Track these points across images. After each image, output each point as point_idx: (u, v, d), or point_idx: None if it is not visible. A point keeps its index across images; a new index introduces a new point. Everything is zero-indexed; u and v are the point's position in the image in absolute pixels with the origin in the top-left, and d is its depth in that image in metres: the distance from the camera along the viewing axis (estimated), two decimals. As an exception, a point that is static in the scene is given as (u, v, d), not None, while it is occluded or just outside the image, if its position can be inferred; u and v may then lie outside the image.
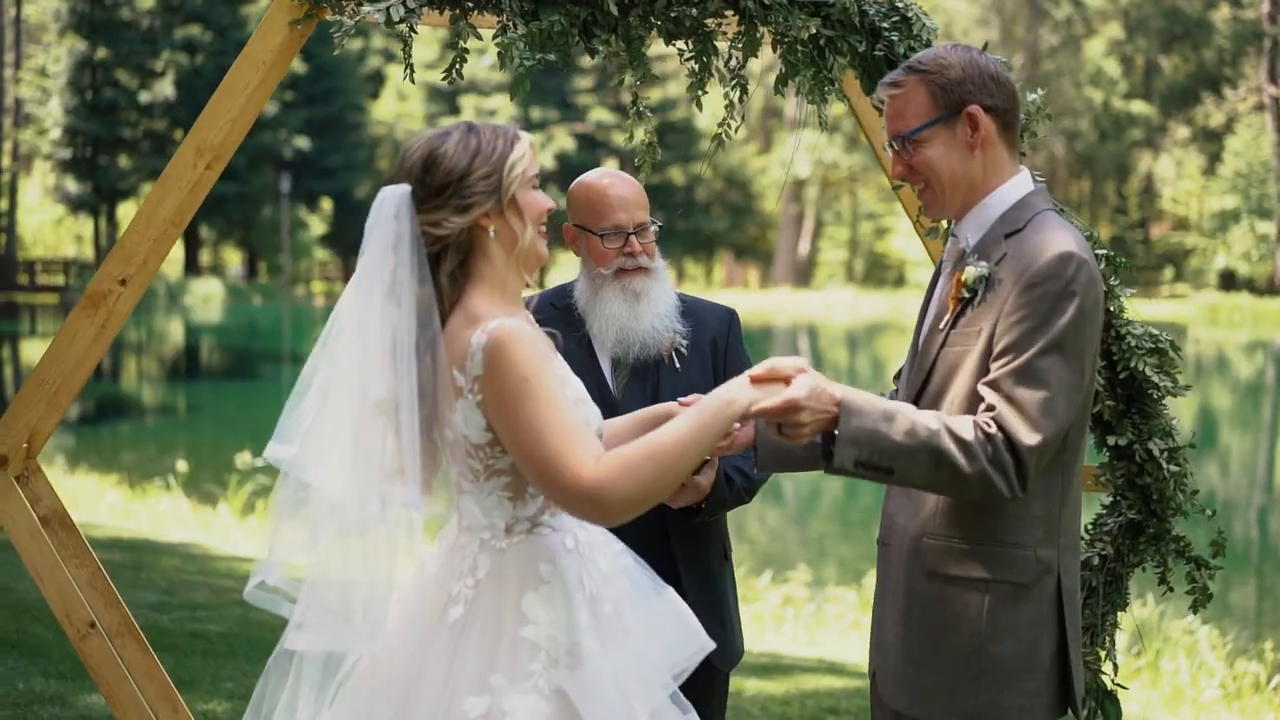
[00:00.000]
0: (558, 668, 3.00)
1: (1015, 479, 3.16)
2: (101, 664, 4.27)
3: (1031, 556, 3.27)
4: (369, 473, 3.03)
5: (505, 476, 3.07)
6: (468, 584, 3.08)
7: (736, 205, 70.94)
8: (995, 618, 3.26)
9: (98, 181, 64.13)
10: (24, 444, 4.28)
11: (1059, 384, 3.17)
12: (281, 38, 4.18)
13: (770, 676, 8.40)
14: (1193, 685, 9.28)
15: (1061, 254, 3.19)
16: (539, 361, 3.00)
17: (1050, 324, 3.16)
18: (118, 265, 4.22)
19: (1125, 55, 72.07)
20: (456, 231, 3.09)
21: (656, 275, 4.26)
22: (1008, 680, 3.27)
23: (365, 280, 3.07)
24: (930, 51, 3.41)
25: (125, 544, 11.72)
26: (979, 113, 3.33)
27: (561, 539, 3.12)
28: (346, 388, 3.04)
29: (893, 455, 3.17)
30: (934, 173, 3.37)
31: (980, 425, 3.18)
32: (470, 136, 3.11)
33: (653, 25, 4.19)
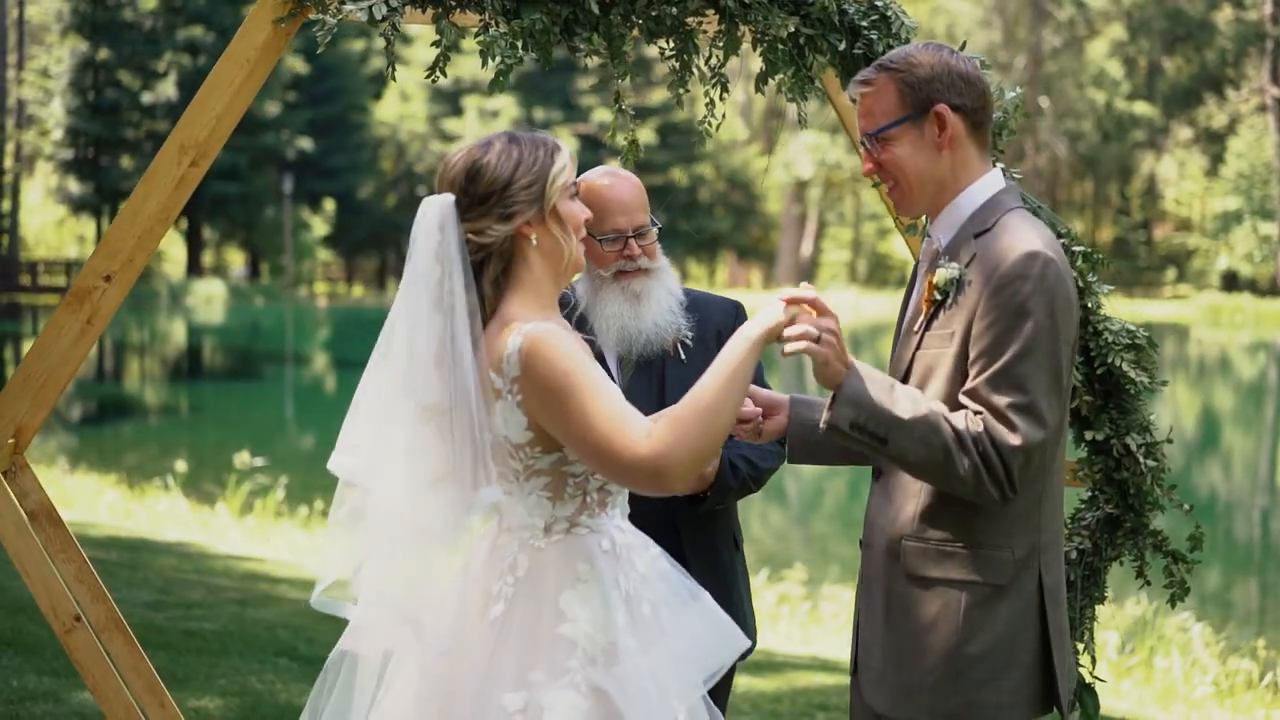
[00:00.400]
0: (595, 665, 3.06)
1: (1005, 482, 3.19)
2: (86, 658, 4.30)
3: (1009, 557, 3.28)
4: (421, 478, 3.10)
5: (545, 477, 3.13)
6: (508, 582, 3.13)
7: (739, 206, 70.99)
8: (971, 619, 3.27)
9: (100, 182, 64.25)
10: (10, 439, 4.32)
11: (1037, 387, 3.18)
12: (265, 35, 4.21)
13: (762, 674, 8.44)
14: (1185, 683, 9.32)
15: (1028, 253, 3.20)
16: (578, 355, 3.07)
17: (1021, 326, 3.18)
18: (103, 261, 4.26)
19: (1128, 56, 72.13)
20: (500, 239, 3.16)
21: (658, 274, 4.28)
22: (986, 680, 3.28)
23: (412, 289, 3.13)
24: (902, 50, 3.42)
25: (122, 543, 11.76)
26: (946, 112, 3.34)
27: (599, 540, 3.17)
28: (397, 395, 3.10)
29: (890, 425, 3.20)
30: (901, 171, 3.38)
31: (969, 420, 3.21)
32: (512, 147, 3.18)
33: (634, 24, 4.22)
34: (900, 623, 3.34)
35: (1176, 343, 48.98)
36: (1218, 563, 15.83)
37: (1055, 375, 3.21)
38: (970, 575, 3.27)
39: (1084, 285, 4.24)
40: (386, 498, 3.10)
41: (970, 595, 3.27)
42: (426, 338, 3.10)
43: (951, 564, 3.29)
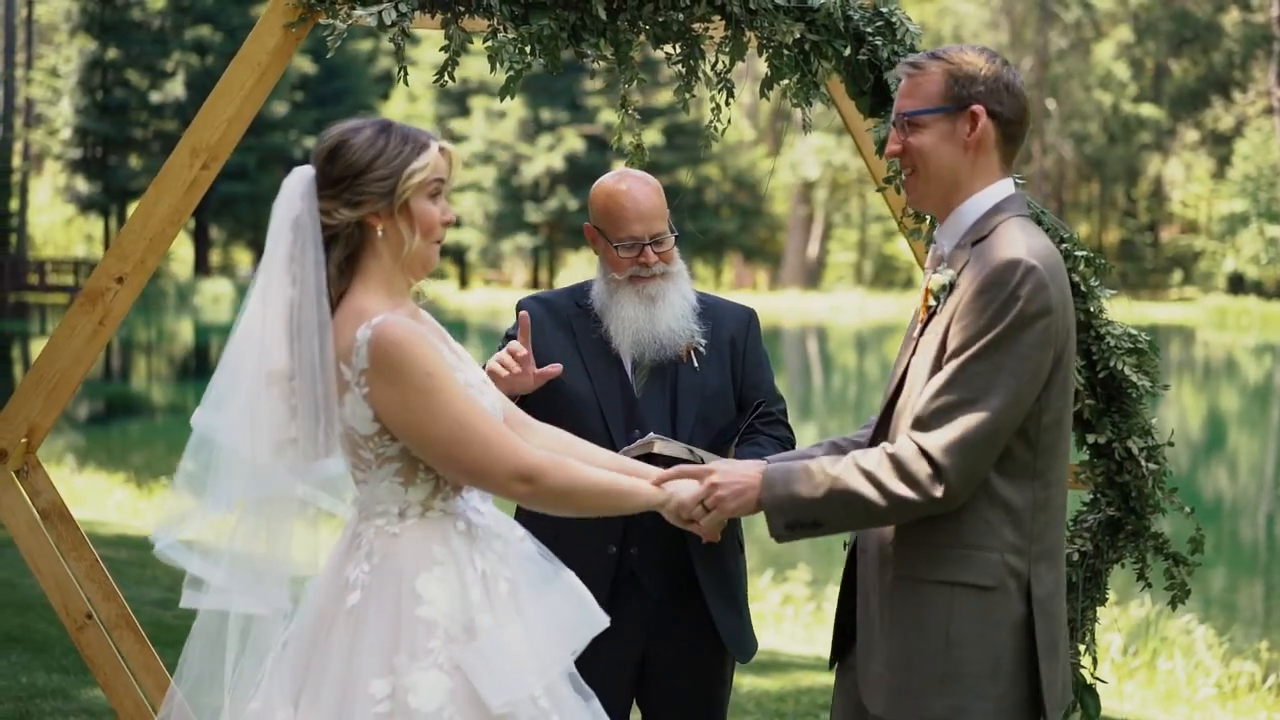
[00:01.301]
0: (455, 643, 3.13)
1: (930, 486, 3.23)
2: (98, 654, 4.35)
3: (998, 560, 3.30)
4: (264, 440, 3.17)
5: (396, 463, 3.20)
6: (364, 570, 3.20)
7: (745, 207, 70.96)
8: (960, 621, 3.30)
9: (108, 181, 64.33)
10: (23, 438, 4.37)
11: (986, 386, 3.21)
12: (276, 40, 4.26)
13: (767, 673, 8.48)
14: (1188, 685, 9.35)
15: (1009, 260, 3.24)
16: (435, 353, 3.15)
17: (989, 330, 3.22)
18: (115, 263, 4.31)
19: (1134, 58, 72.05)
20: (344, 224, 3.21)
21: (673, 279, 4.31)
22: (972, 684, 3.30)
23: (270, 254, 3.22)
24: (959, 47, 3.47)
25: (131, 541, 11.80)
26: (981, 114, 3.38)
27: (453, 522, 3.25)
28: (249, 356, 3.18)
29: (812, 509, 3.31)
30: (923, 158, 3.42)
31: (885, 450, 3.29)
32: (380, 137, 3.22)
33: (640, 29, 4.27)
34: (894, 625, 3.38)
35: (1182, 345, 48.96)
36: (1223, 565, 15.84)
37: (1013, 379, 3.22)
38: (958, 576, 3.30)
39: (1087, 289, 4.28)
40: (235, 456, 3.17)
41: (958, 597, 3.30)
42: (277, 304, 3.18)
43: (940, 565, 3.32)
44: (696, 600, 4.24)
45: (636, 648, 4.22)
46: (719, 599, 4.25)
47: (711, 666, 4.33)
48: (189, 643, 3.30)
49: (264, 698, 3.21)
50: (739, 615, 4.34)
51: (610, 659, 4.00)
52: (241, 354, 3.20)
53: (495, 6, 4.17)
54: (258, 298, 3.21)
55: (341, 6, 4.17)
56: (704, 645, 4.29)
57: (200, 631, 3.28)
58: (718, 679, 4.38)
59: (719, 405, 4.31)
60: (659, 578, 4.22)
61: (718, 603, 4.25)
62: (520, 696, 3.13)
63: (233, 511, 3.23)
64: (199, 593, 3.24)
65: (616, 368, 4.27)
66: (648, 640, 4.23)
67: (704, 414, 4.27)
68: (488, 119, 66.58)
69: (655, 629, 4.22)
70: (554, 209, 65.95)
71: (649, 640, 4.23)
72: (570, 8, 4.19)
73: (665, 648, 4.25)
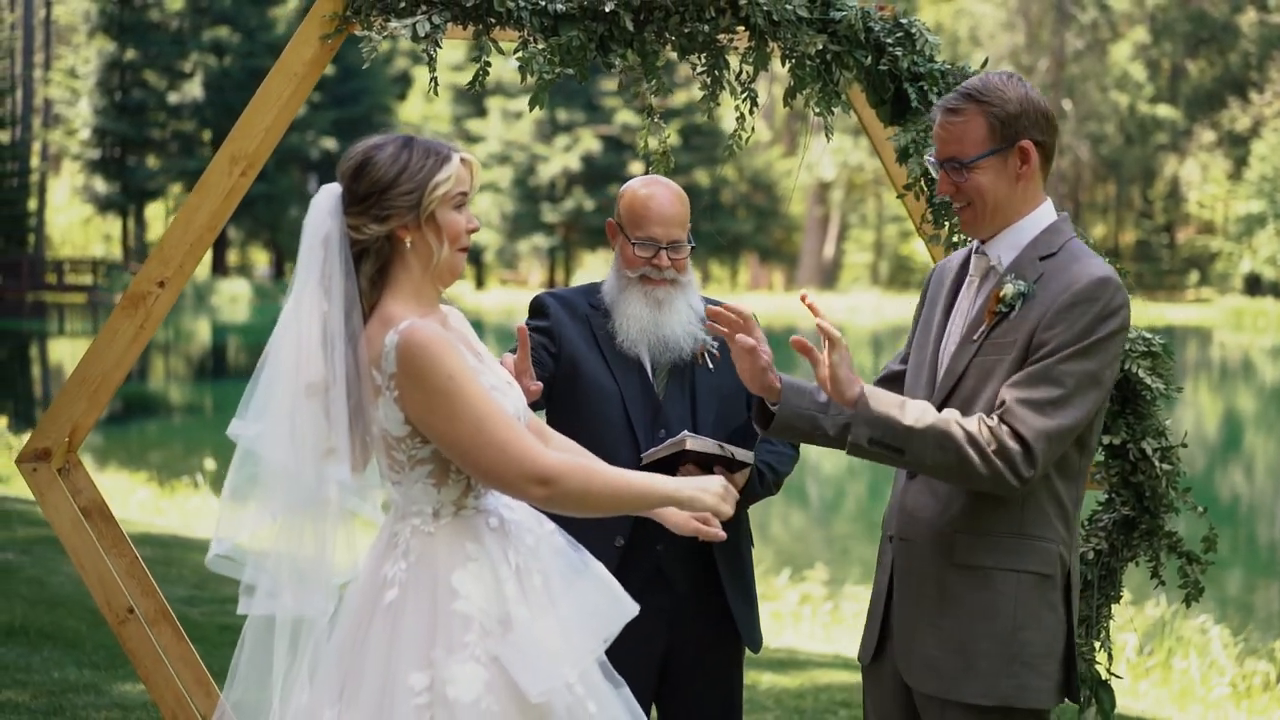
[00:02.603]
0: (491, 636, 3.24)
1: (1022, 465, 3.41)
2: (139, 648, 4.47)
3: (1055, 550, 3.55)
4: (305, 450, 3.28)
5: (429, 465, 3.31)
6: (401, 567, 3.31)
7: (762, 208, 71.02)
8: (1026, 605, 3.52)
9: (126, 182, 64.56)
10: (66, 438, 4.49)
11: (1075, 385, 3.45)
12: (313, 51, 4.38)
13: (785, 671, 8.58)
14: (1203, 684, 9.43)
15: (1102, 278, 3.49)
16: (458, 356, 3.25)
17: (1083, 339, 3.45)
18: (156, 268, 4.43)
19: (1151, 59, 71.97)
20: (374, 239, 3.31)
21: (683, 288, 4.42)
22: (1035, 664, 3.52)
23: (302, 270, 3.31)
24: (986, 81, 3.62)
25: (156, 539, 11.94)
26: (1031, 148, 3.59)
27: (485, 519, 3.36)
28: (284, 370, 3.29)
29: (904, 436, 3.45)
30: (980, 197, 3.61)
31: (984, 420, 3.46)
32: (403, 152, 3.32)
33: (667, 40, 4.38)
34: (954, 610, 3.55)
35: (1199, 346, 48.93)
36: (1239, 566, 15.90)
37: (1094, 384, 3.47)
38: (1022, 565, 3.52)
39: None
40: (278, 467, 3.28)
41: (1023, 584, 3.51)
42: (310, 318, 3.28)
43: (1004, 554, 3.53)
44: (717, 593, 4.38)
45: (660, 640, 4.34)
46: (736, 591, 4.39)
47: (730, 657, 4.47)
48: (240, 647, 3.40)
49: (310, 696, 3.33)
50: (751, 607, 4.49)
51: (636, 651, 4.11)
52: (279, 367, 3.30)
53: (526, 19, 4.28)
54: (292, 312, 3.31)
55: (376, 19, 4.28)
56: (723, 636, 4.43)
57: (250, 636, 3.38)
58: (736, 669, 4.53)
59: (736, 406, 4.45)
60: (684, 571, 4.34)
61: (735, 594, 4.39)
62: (557, 685, 3.23)
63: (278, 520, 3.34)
64: (251, 599, 3.34)
65: (637, 367, 4.39)
66: (670, 634, 4.36)
67: (723, 413, 4.41)
68: (504, 119, 66.71)
69: (677, 623, 4.35)
70: (570, 210, 66.06)
71: (671, 634, 4.36)
72: (599, 19, 4.31)
73: (687, 640, 4.38)
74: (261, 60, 61.83)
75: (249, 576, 3.33)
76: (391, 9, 4.29)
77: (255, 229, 67.53)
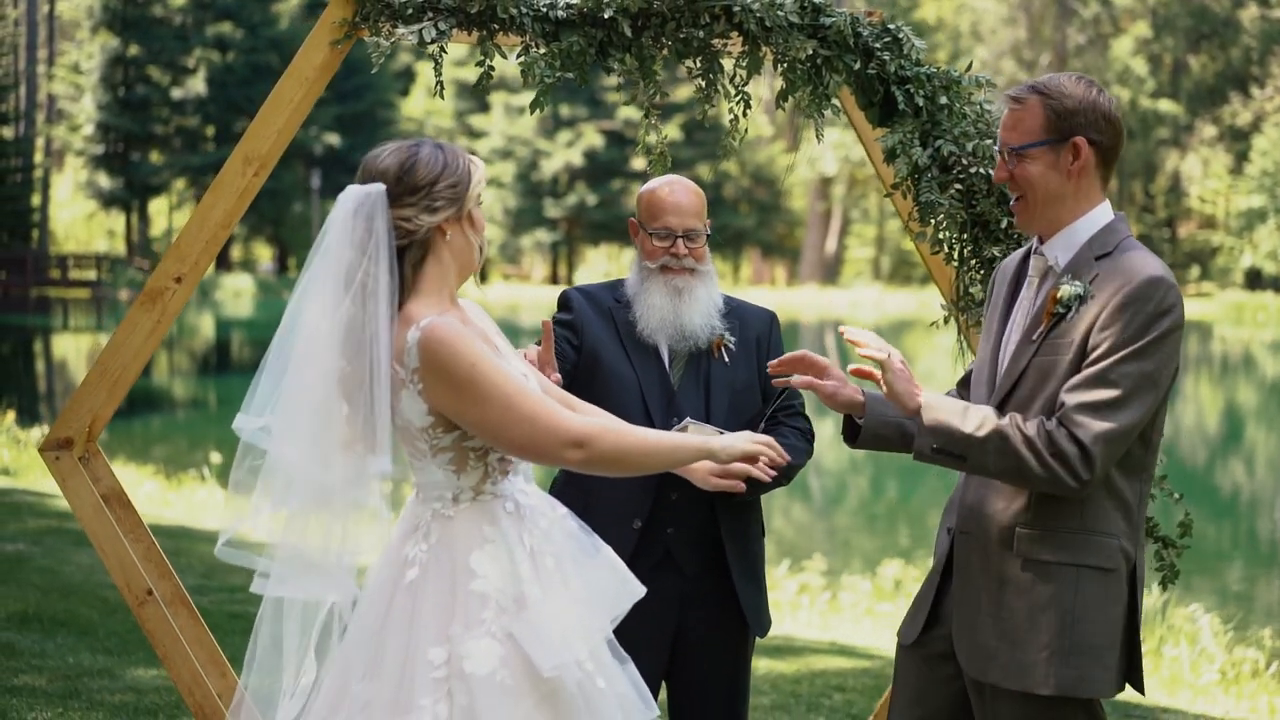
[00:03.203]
0: (506, 614, 3.43)
1: (1080, 467, 3.54)
2: (158, 628, 4.66)
3: (1116, 545, 3.66)
4: (331, 443, 3.48)
5: (449, 453, 3.50)
6: (421, 549, 3.51)
7: (764, 203, 71.16)
8: (1085, 598, 3.64)
9: (129, 177, 64.78)
10: (86, 428, 4.67)
11: (1131, 386, 3.55)
12: (323, 56, 4.56)
13: (783, 657, 8.76)
14: (1192, 670, 9.60)
15: (1154, 278, 3.58)
16: (477, 346, 3.44)
17: (1137, 339, 3.55)
18: (173, 264, 4.62)
19: (1153, 54, 72.03)
20: (423, 230, 3.50)
21: (702, 277, 4.62)
22: (1095, 655, 3.64)
23: (324, 269, 3.49)
24: (1056, 78, 3.76)
25: (164, 530, 12.09)
26: (1083, 144, 3.69)
27: (502, 504, 3.55)
28: (311, 366, 3.47)
29: (966, 444, 3.62)
30: (1031, 187, 3.73)
31: (1043, 423, 3.60)
32: (439, 152, 3.54)
33: (663, 45, 4.56)
34: (1014, 603, 3.69)
35: (1200, 340, 49.04)
36: (1240, 559, 16.05)
37: (1153, 383, 3.58)
38: (1083, 559, 3.64)
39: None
40: (298, 459, 3.46)
41: (1083, 578, 3.64)
42: (335, 316, 3.45)
43: (1065, 549, 3.65)
44: (724, 577, 4.56)
45: (671, 621, 4.54)
46: (743, 576, 4.57)
47: (737, 640, 4.65)
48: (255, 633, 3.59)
49: (337, 671, 3.52)
50: (760, 591, 4.66)
51: (647, 630, 4.37)
52: (303, 363, 3.47)
53: (528, 24, 4.46)
54: (314, 312, 3.48)
55: (384, 25, 4.46)
56: (730, 619, 4.61)
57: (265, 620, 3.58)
58: (743, 652, 4.70)
59: (747, 398, 4.64)
60: (693, 555, 4.54)
61: (743, 579, 4.57)
62: (568, 661, 3.43)
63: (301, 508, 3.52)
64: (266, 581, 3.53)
65: (655, 358, 4.59)
66: (681, 614, 4.55)
67: (734, 405, 4.60)
68: (507, 115, 66.92)
69: (688, 604, 4.54)
70: (573, 205, 66.27)
71: (682, 614, 4.55)
72: (598, 25, 4.49)
73: (696, 621, 4.57)
74: (264, 56, 62.00)
75: (262, 566, 3.52)
76: (399, 15, 4.47)
77: (259, 224, 67.66)
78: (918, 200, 4.66)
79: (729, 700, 4.66)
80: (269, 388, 3.50)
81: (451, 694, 3.38)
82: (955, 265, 4.75)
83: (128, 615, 8.44)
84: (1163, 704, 8.20)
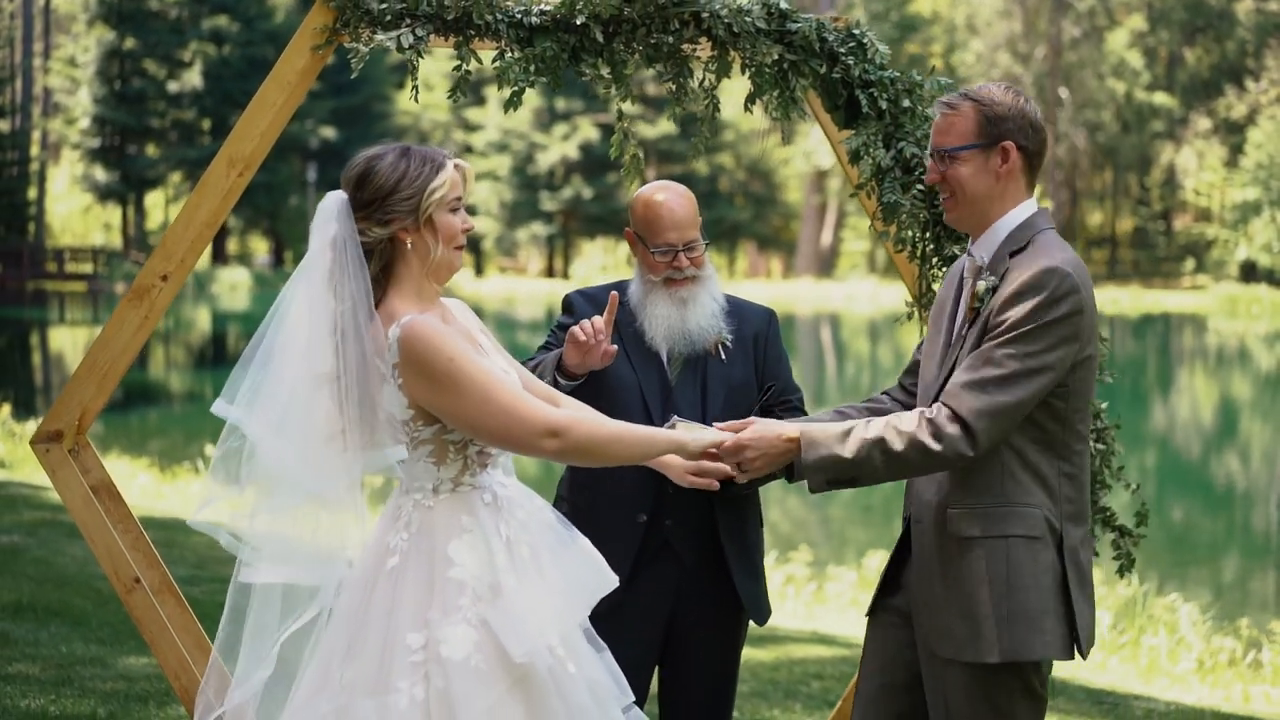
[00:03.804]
0: (482, 601, 3.60)
1: (963, 445, 3.78)
2: (145, 615, 4.80)
3: (1039, 514, 3.86)
4: (315, 435, 3.65)
5: (429, 445, 3.67)
6: (402, 538, 3.68)
7: (759, 196, 71.23)
8: (1017, 567, 3.85)
9: (126, 170, 64.82)
10: (76, 421, 4.82)
11: (1016, 367, 3.77)
12: (305, 61, 4.71)
13: (763, 646, 8.91)
14: (1170, 659, 9.75)
15: (1048, 268, 3.80)
16: (455, 342, 3.61)
17: (1025, 324, 3.77)
18: (160, 262, 4.76)
19: (1148, 47, 72.09)
20: (377, 240, 3.67)
21: (704, 282, 4.76)
22: (1032, 621, 3.85)
23: (310, 269, 3.65)
24: (987, 87, 4.00)
25: (157, 522, 12.20)
26: (1012, 149, 3.94)
27: (480, 495, 3.72)
28: (292, 360, 3.64)
29: (854, 468, 3.86)
30: (961, 187, 3.97)
31: (923, 414, 3.84)
32: (402, 161, 3.68)
33: (635, 50, 4.70)
34: (956, 579, 3.90)
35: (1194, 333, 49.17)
36: (1235, 552, 16.19)
37: (1041, 365, 3.77)
38: (1008, 530, 3.86)
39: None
40: (282, 451, 3.63)
41: (1012, 547, 3.85)
42: (319, 315, 3.63)
43: (991, 522, 3.87)
44: (722, 569, 4.70)
45: (665, 611, 4.67)
46: (741, 566, 4.71)
47: (730, 629, 4.80)
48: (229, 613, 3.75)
49: (321, 654, 3.68)
50: (757, 581, 4.80)
51: (643, 617, 4.59)
52: (286, 358, 3.64)
53: (503, 30, 4.61)
54: (302, 307, 3.65)
55: (364, 30, 4.61)
56: (725, 609, 4.75)
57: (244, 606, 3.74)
58: (735, 641, 4.84)
59: (744, 395, 4.77)
60: (691, 547, 4.67)
61: (740, 570, 4.71)
62: (539, 647, 3.59)
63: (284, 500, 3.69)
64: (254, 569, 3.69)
65: (654, 358, 4.73)
66: (676, 604, 4.68)
67: (731, 401, 4.73)
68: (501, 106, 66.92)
69: (684, 594, 4.67)
70: (569, 198, 66.34)
71: (677, 604, 4.68)
72: (570, 31, 4.63)
73: (691, 611, 4.71)
74: (260, 49, 62.00)
75: (248, 552, 3.68)
76: (378, 22, 4.61)
77: (255, 218, 67.73)
78: (881, 200, 4.79)
79: (718, 689, 4.80)
80: (250, 378, 3.66)
81: (428, 677, 3.55)
82: (918, 263, 4.89)
83: (120, 606, 8.58)
84: (1136, 691, 8.35)
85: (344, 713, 3.57)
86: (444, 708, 3.53)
